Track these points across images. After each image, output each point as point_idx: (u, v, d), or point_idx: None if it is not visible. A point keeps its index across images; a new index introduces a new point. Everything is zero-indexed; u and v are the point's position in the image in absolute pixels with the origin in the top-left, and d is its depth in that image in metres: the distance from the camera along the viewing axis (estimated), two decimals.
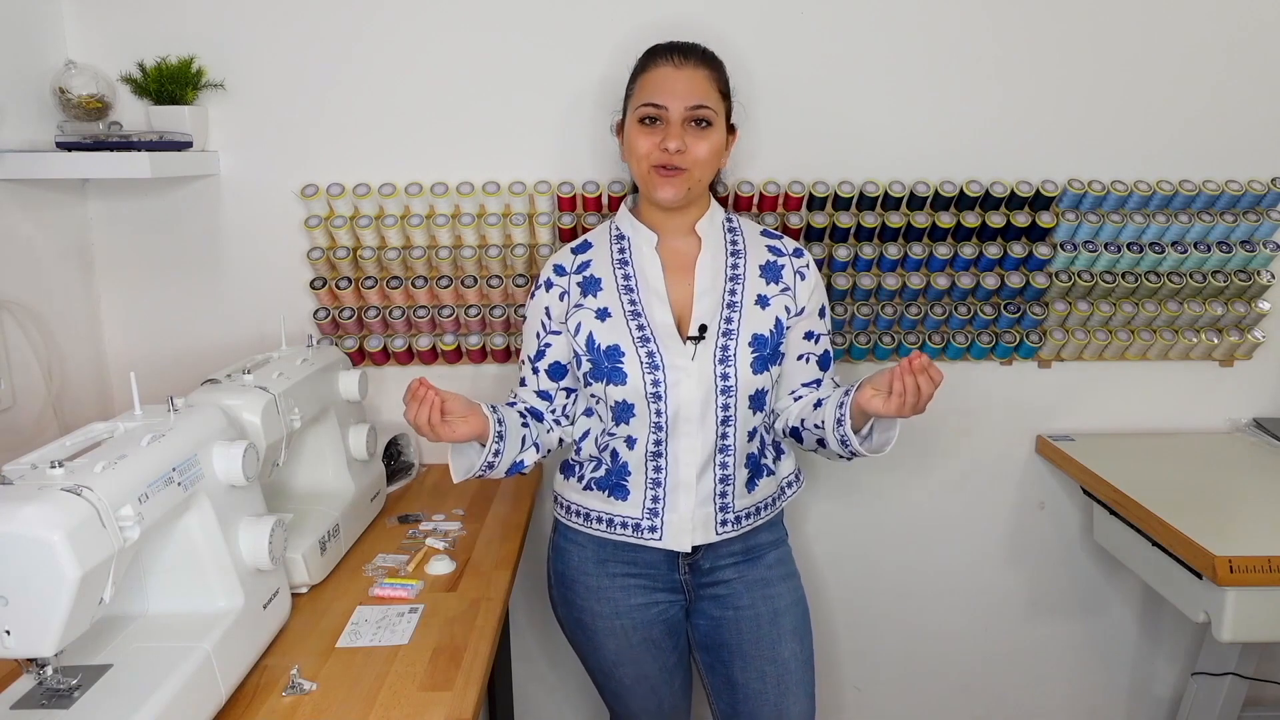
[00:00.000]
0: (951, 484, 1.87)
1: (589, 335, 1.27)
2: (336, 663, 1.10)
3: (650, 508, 1.28)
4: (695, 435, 1.25)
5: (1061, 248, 1.66)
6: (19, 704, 0.89)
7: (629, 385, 1.24)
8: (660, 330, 1.26)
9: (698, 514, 1.28)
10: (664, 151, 1.23)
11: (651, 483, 1.28)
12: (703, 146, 1.24)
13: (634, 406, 1.25)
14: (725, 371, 1.25)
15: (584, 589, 1.35)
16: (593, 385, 1.28)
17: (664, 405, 1.24)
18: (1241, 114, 1.68)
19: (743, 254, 1.34)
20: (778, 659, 1.34)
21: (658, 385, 1.24)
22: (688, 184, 1.25)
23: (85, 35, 1.58)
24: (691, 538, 1.28)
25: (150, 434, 0.99)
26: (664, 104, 1.23)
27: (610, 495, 1.30)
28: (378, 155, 1.64)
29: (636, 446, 1.27)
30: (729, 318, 1.28)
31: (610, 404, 1.27)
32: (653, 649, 1.37)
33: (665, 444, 1.26)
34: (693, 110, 1.23)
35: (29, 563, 0.79)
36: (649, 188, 1.27)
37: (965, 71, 1.64)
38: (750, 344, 1.26)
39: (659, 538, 1.29)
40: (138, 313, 1.71)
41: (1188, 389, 1.82)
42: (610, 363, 1.25)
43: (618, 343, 1.25)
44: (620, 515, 1.30)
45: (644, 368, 1.24)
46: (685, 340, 1.26)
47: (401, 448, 1.76)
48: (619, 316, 1.27)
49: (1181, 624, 1.96)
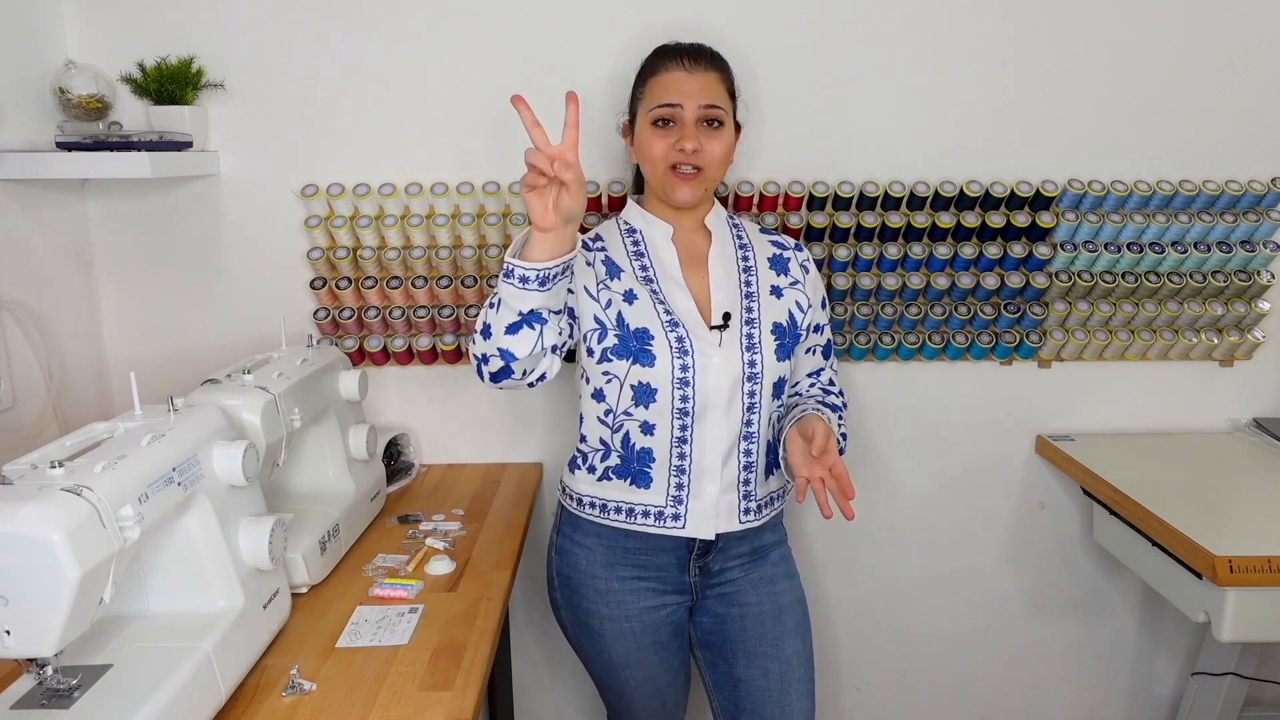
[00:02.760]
0: (951, 484, 1.87)
1: (619, 313, 1.26)
2: (336, 663, 1.10)
3: (675, 495, 1.28)
4: (721, 422, 1.25)
5: (1061, 248, 1.66)
6: (19, 704, 0.89)
7: (657, 369, 1.24)
8: (686, 318, 1.26)
9: (721, 501, 1.28)
10: (680, 152, 1.25)
11: (676, 470, 1.27)
12: (717, 147, 1.27)
13: (657, 391, 1.24)
14: (752, 359, 1.26)
15: (592, 592, 1.34)
16: (612, 362, 1.25)
17: (691, 391, 1.24)
18: (1241, 114, 1.68)
19: (750, 248, 1.36)
20: (781, 656, 1.34)
21: (686, 370, 1.23)
22: (704, 184, 1.28)
23: (85, 35, 1.58)
24: (715, 525, 1.29)
25: (150, 434, 0.99)
26: (678, 102, 1.25)
27: (632, 483, 1.29)
28: (378, 155, 1.64)
29: (658, 433, 1.26)
30: (749, 307, 1.29)
31: (630, 384, 1.25)
32: (660, 651, 1.37)
33: (691, 430, 1.25)
34: (706, 110, 1.25)
35: (29, 563, 0.79)
36: (666, 189, 1.28)
37: (965, 71, 1.64)
38: (772, 332, 1.28)
39: (682, 525, 1.28)
40: (138, 313, 1.71)
41: (1188, 389, 1.82)
42: (639, 344, 1.24)
43: (647, 326, 1.25)
44: (642, 504, 1.29)
45: (674, 352, 1.23)
46: (711, 328, 1.26)
47: (401, 448, 1.76)
48: (645, 301, 1.27)
49: (1181, 624, 1.96)
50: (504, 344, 1.14)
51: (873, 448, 1.84)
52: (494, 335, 1.14)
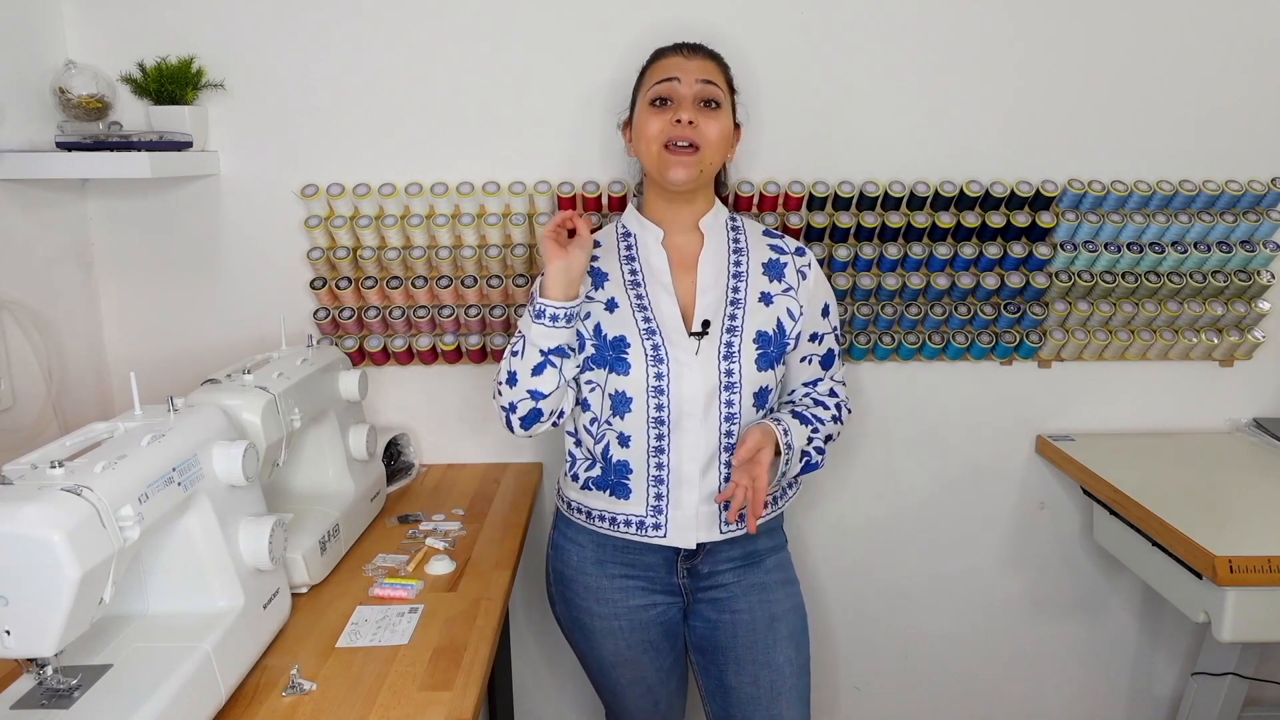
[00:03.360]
0: (951, 484, 1.86)
1: (597, 324, 1.27)
2: (336, 663, 1.10)
3: (654, 505, 1.28)
4: (698, 431, 1.25)
5: (1061, 248, 1.66)
6: (19, 704, 0.89)
7: (631, 377, 1.24)
8: (666, 324, 1.26)
9: (701, 511, 1.28)
10: (676, 125, 1.23)
11: (654, 479, 1.27)
12: (713, 127, 1.25)
13: (632, 401, 1.25)
14: (729, 368, 1.25)
15: (582, 588, 1.35)
16: (593, 371, 1.27)
17: (666, 400, 1.24)
18: (1241, 114, 1.68)
19: (745, 251, 1.34)
20: (772, 664, 1.33)
21: (661, 379, 1.24)
22: (699, 165, 1.25)
23: (85, 35, 1.58)
24: (695, 535, 1.28)
25: (150, 434, 0.99)
26: (675, 76, 1.25)
27: (612, 494, 1.30)
28: (378, 155, 1.64)
29: (633, 444, 1.26)
30: (733, 314, 1.28)
31: (609, 393, 1.26)
32: (650, 651, 1.37)
33: (668, 439, 1.25)
34: (703, 87, 1.25)
35: (29, 563, 0.80)
36: (661, 169, 1.26)
37: (965, 72, 1.64)
38: (755, 340, 1.27)
39: (663, 535, 1.29)
40: (138, 313, 1.71)
41: (1188, 389, 1.82)
42: (615, 352, 1.25)
43: (624, 334, 1.25)
44: (624, 514, 1.30)
45: (648, 360, 1.24)
46: (690, 335, 1.26)
47: (401, 448, 1.76)
48: (626, 309, 1.27)
49: (1181, 624, 1.96)
50: (531, 385, 1.23)
51: (873, 448, 1.84)
52: (520, 379, 1.23)
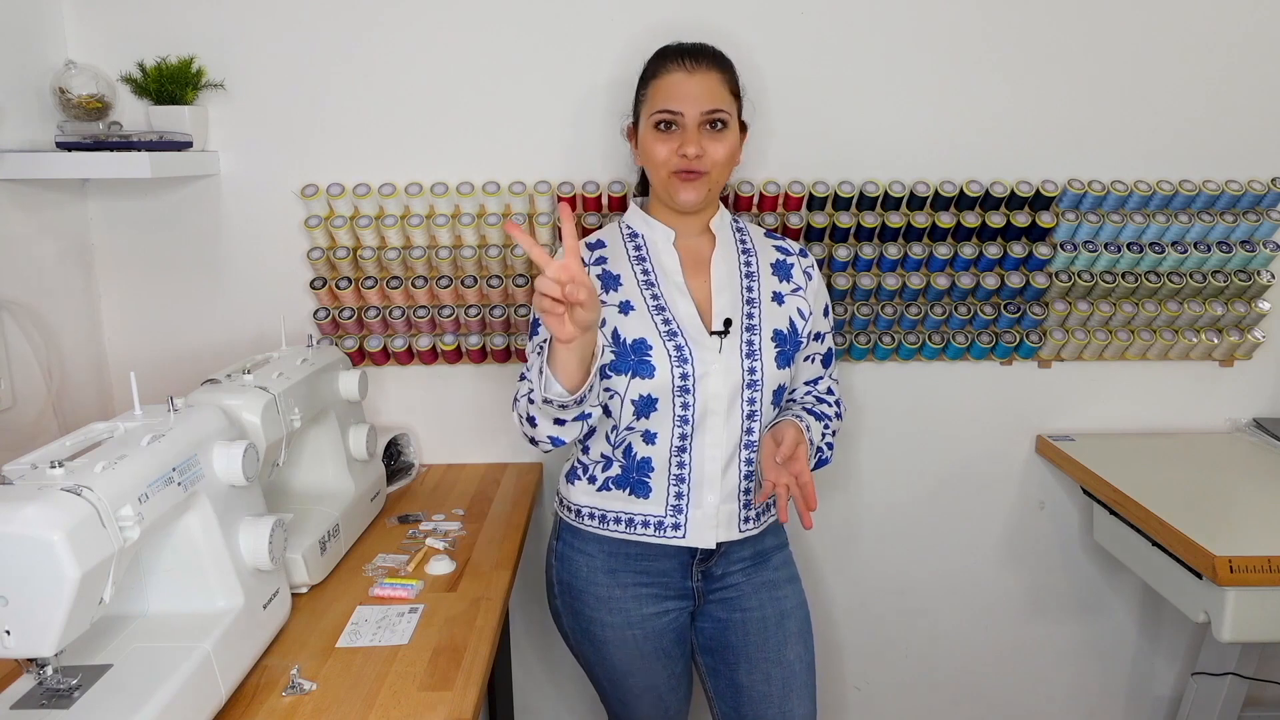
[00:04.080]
0: (951, 484, 1.87)
1: (614, 329, 1.26)
2: (336, 663, 1.10)
3: (674, 504, 1.27)
4: (721, 430, 1.25)
5: (1061, 248, 1.66)
6: (19, 704, 0.89)
7: (657, 379, 1.23)
8: (685, 324, 1.26)
9: (721, 510, 1.28)
10: (682, 158, 1.24)
11: (675, 479, 1.27)
12: (720, 149, 1.25)
13: (658, 401, 1.24)
14: (752, 366, 1.25)
15: (593, 599, 1.33)
16: (612, 379, 1.25)
17: (691, 399, 1.24)
18: (1241, 114, 1.68)
19: (753, 252, 1.35)
20: (783, 661, 1.33)
21: (686, 379, 1.23)
22: (708, 186, 1.27)
23: (85, 35, 1.58)
24: (715, 534, 1.28)
25: (150, 434, 0.99)
26: (679, 109, 1.24)
27: (631, 493, 1.29)
28: (378, 155, 1.64)
29: (658, 441, 1.26)
30: (750, 313, 1.29)
31: (632, 398, 1.25)
32: (663, 658, 1.36)
33: (690, 439, 1.25)
34: (708, 114, 1.24)
35: (29, 563, 0.79)
36: (670, 193, 1.27)
37: (965, 71, 1.64)
38: (773, 339, 1.28)
39: (682, 535, 1.28)
40: (138, 313, 1.71)
41: (1188, 389, 1.82)
42: (637, 356, 1.24)
43: (644, 336, 1.24)
44: (642, 514, 1.29)
45: (673, 361, 1.23)
46: (711, 334, 1.26)
47: (401, 448, 1.77)
48: (642, 310, 1.26)
49: (1181, 624, 1.96)
50: (552, 433, 1.21)
51: (873, 448, 1.84)
52: (540, 426, 1.20)
